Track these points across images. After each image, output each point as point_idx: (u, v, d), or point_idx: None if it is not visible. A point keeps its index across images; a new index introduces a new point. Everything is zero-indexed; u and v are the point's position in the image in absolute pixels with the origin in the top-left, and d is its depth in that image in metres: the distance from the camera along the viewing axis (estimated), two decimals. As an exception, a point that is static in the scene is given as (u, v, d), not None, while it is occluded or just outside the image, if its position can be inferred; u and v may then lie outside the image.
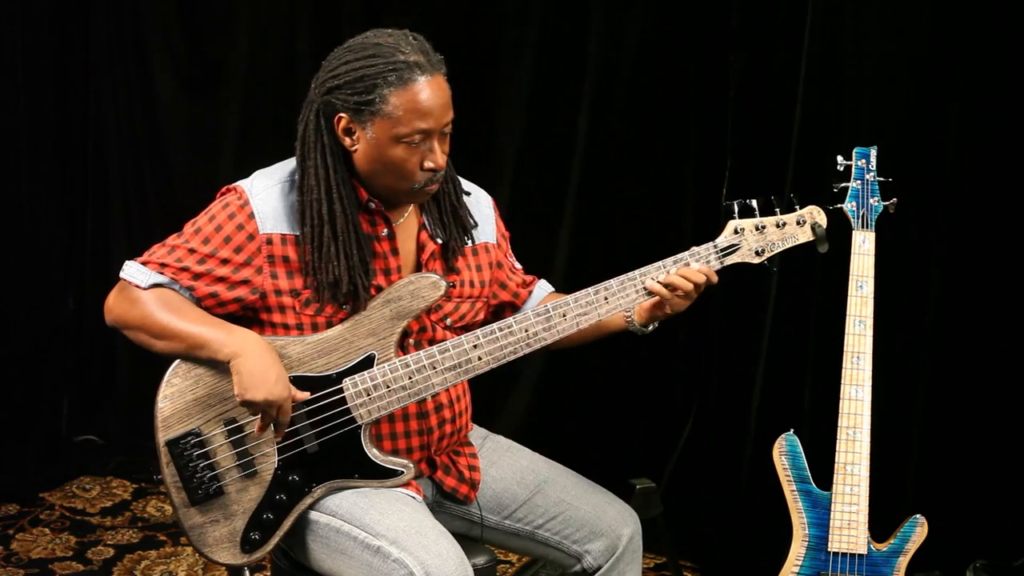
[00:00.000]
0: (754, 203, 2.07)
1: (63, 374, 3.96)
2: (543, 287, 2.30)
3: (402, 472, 1.97)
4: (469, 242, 2.12)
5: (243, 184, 1.99)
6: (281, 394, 1.87)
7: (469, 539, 2.11)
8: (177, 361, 1.92)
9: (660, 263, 2.03)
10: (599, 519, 2.11)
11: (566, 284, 3.41)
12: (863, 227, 2.24)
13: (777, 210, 2.09)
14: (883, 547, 2.26)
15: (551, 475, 2.17)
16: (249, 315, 2.00)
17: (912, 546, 2.26)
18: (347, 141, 1.95)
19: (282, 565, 2.07)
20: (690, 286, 2.01)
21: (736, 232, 2.06)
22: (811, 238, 2.11)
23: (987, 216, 2.88)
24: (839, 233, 2.25)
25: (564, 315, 1.99)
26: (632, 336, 2.16)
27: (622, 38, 3.36)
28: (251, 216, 1.95)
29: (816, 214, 2.11)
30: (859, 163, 2.27)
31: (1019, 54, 2.79)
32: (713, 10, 3.23)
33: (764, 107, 3.12)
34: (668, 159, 3.39)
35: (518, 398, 3.64)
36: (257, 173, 2.02)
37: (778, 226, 2.08)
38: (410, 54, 1.90)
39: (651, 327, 2.11)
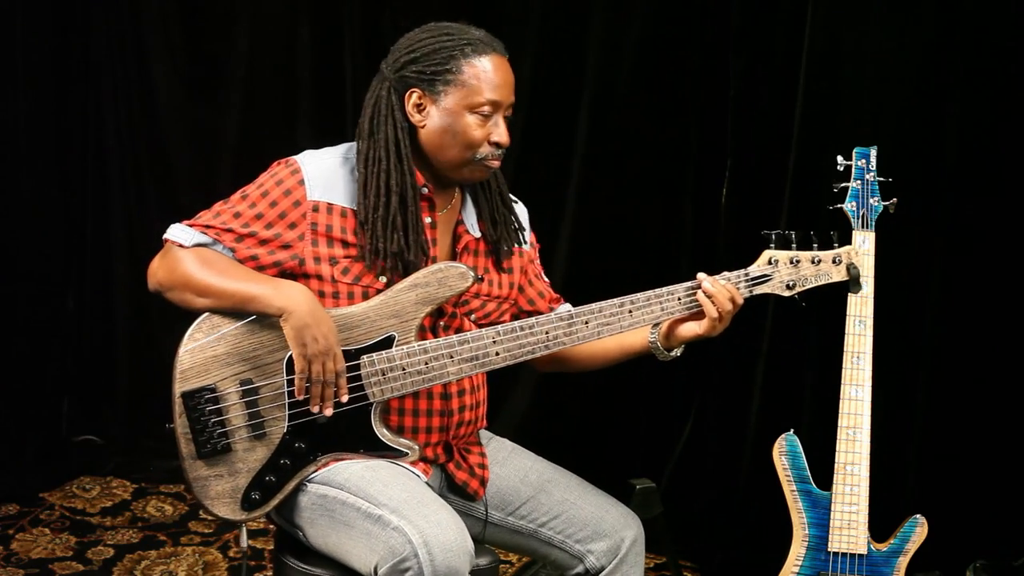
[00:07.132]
0: (792, 235, 2.06)
1: (63, 374, 3.96)
2: (567, 308, 2.29)
3: (407, 453, 1.99)
4: (517, 244, 2.16)
5: (295, 156, 2.02)
6: (336, 344, 1.91)
7: (471, 539, 2.10)
8: (203, 316, 1.94)
9: (688, 283, 2.02)
10: (602, 520, 2.11)
11: (566, 282, 3.44)
12: (863, 227, 2.24)
13: (815, 245, 2.07)
14: (883, 547, 2.26)
15: (555, 476, 2.18)
16: (287, 277, 2.01)
17: (912, 546, 2.26)
18: (416, 117, 1.99)
19: (286, 562, 2.06)
20: (725, 295, 1.98)
21: (770, 263, 2.05)
22: (845, 278, 2.08)
23: (987, 216, 2.88)
24: (839, 233, 2.25)
25: (587, 322, 2.00)
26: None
27: (622, 38, 3.36)
28: (300, 182, 1.97)
29: (854, 255, 2.09)
30: (859, 163, 2.27)
31: (1019, 54, 2.79)
32: (713, 10, 3.23)
33: (764, 107, 3.12)
34: (668, 159, 3.39)
35: (518, 398, 3.64)
36: (307, 151, 2.04)
37: (813, 262, 2.06)
38: (481, 35, 2.01)
39: (675, 352, 2.10)
